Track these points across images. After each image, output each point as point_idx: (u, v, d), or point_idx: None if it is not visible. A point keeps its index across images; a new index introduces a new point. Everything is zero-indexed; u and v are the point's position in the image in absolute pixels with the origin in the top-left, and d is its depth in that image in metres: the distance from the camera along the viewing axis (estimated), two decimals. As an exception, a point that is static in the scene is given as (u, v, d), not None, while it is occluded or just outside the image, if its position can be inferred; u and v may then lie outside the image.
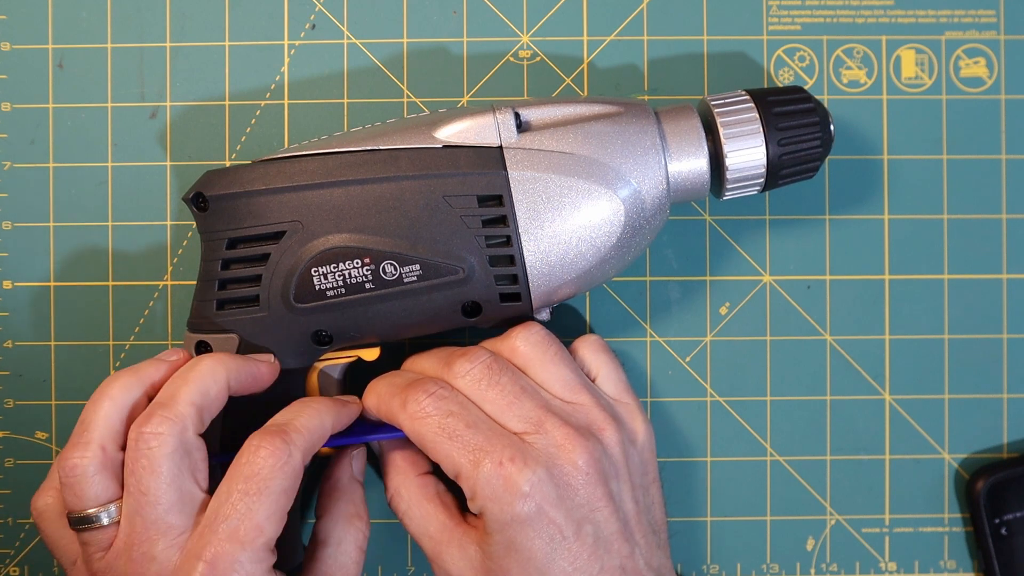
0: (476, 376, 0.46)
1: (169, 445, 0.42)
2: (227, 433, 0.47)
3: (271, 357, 0.47)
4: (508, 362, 0.47)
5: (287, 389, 0.48)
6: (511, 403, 0.46)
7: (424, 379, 0.46)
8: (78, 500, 0.43)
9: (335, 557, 0.48)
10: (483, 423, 0.45)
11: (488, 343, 0.48)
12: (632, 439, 0.48)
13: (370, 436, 0.48)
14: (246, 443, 0.43)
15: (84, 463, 0.43)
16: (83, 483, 0.43)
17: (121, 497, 0.43)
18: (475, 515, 0.46)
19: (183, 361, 0.47)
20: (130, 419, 0.44)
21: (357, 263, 0.45)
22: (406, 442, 0.49)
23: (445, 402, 0.45)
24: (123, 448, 0.44)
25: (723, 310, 0.54)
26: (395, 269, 0.45)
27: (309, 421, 0.45)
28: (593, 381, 0.49)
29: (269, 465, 0.42)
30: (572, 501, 0.45)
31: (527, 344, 0.47)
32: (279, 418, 0.45)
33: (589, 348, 0.50)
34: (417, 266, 0.45)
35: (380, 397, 0.47)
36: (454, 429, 0.44)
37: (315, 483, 0.54)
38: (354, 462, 0.50)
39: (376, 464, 0.53)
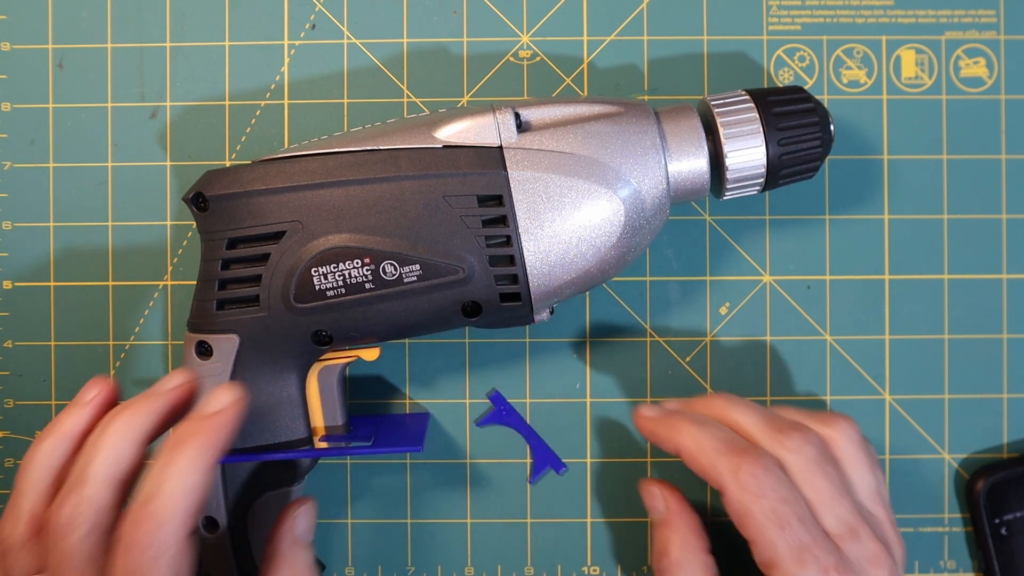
0: (809, 457, 0.45)
1: (83, 529, 0.41)
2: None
3: (184, 377, 0.45)
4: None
5: (287, 389, 0.48)
6: (834, 499, 0.45)
7: (759, 450, 0.45)
8: (7, 571, 0.43)
9: None
10: (811, 521, 0.44)
11: (805, 419, 0.47)
12: (898, 562, 0.46)
13: (385, 449, 0.48)
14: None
15: (12, 538, 0.42)
16: (11, 555, 0.42)
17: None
18: None
19: (107, 401, 0.44)
20: (60, 479, 0.43)
21: (357, 263, 0.45)
22: (689, 511, 0.48)
23: (782, 487, 0.44)
24: None
25: (723, 310, 0.54)
26: (395, 269, 0.45)
27: (172, 490, 0.40)
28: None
29: (137, 564, 0.39)
30: None
31: (849, 441, 0.47)
32: (144, 492, 0.41)
33: (854, 444, 0.47)
34: (417, 266, 0.45)
35: (703, 449, 0.45)
36: (787, 519, 0.43)
37: (311, 486, 0.54)
38: (298, 522, 0.47)
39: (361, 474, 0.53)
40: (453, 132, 0.45)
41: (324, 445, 0.49)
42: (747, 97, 0.47)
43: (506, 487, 0.54)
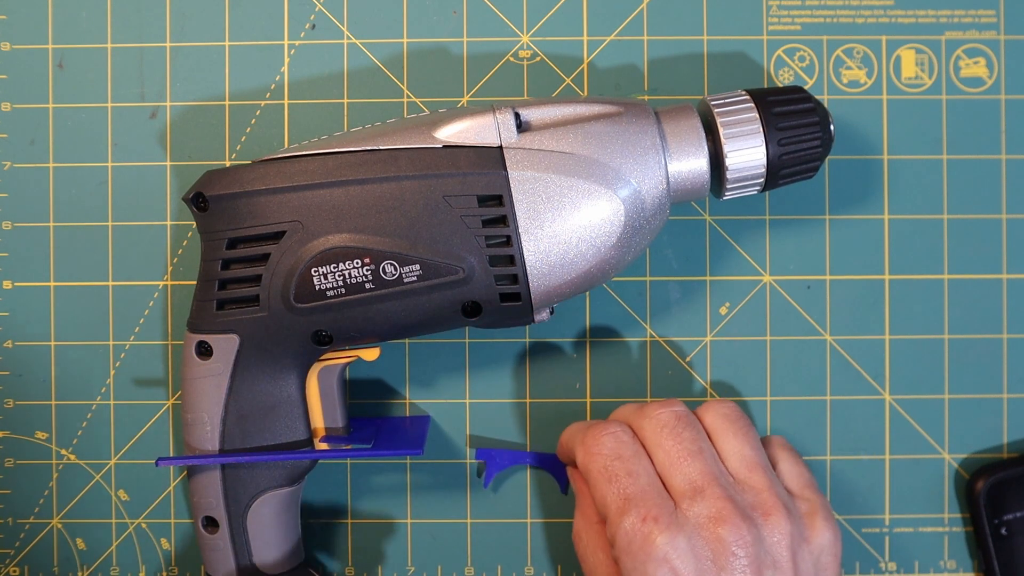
0: (662, 421, 0.47)
1: None
2: (227, 430, 0.47)
3: None
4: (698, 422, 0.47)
5: (287, 389, 0.48)
6: (682, 459, 0.45)
7: (612, 421, 0.48)
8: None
9: None
10: (645, 474, 0.45)
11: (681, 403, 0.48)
12: (806, 537, 0.45)
13: (385, 452, 0.49)
14: None
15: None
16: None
17: None
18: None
19: None
20: None
21: (357, 263, 0.45)
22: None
23: (618, 444, 0.46)
24: None
25: (723, 310, 0.54)
26: (395, 269, 0.45)
27: None
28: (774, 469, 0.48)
29: None
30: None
31: (717, 415, 0.48)
32: None
33: (775, 443, 0.50)
34: (417, 266, 0.45)
35: (571, 431, 0.50)
36: (615, 472, 0.45)
37: (311, 486, 0.54)
38: None
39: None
40: (453, 132, 0.45)
41: (324, 447, 0.49)
42: (747, 97, 0.47)
43: (506, 487, 0.54)
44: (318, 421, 0.49)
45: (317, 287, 0.45)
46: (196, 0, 0.53)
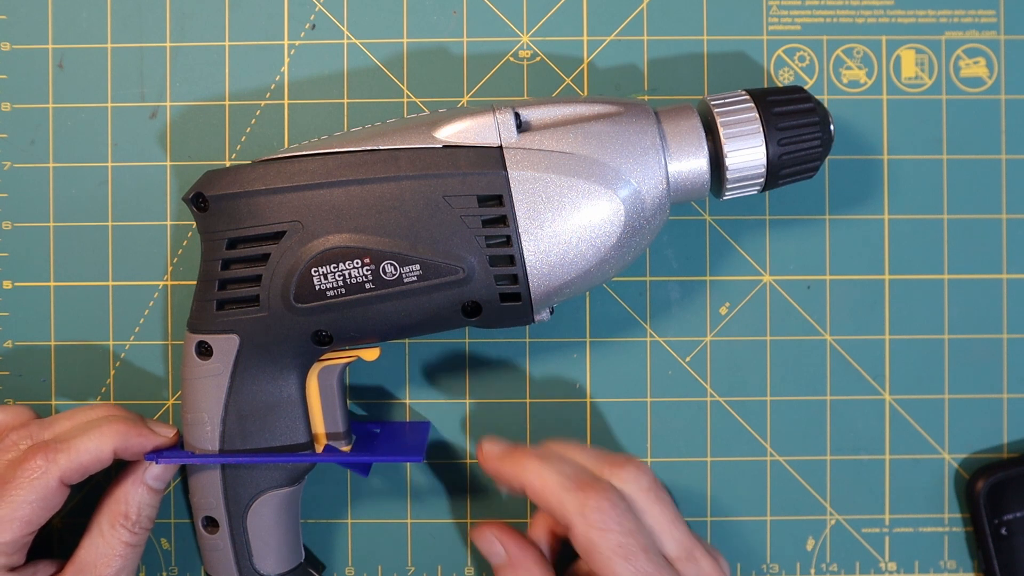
0: (646, 485, 0.47)
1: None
2: (227, 430, 0.47)
3: (173, 432, 0.49)
4: None
5: (287, 389, 0.48)
6: (672, 523, 0.46)
7: (603, 483, 0.46)
8: None
9: (97, 547, 0.48)
10: (654, 550, 0.45)
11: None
12: None
13: (385, 458, 0.49)
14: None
15: None
16: None
17: None
18: None
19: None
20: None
21: (357, 263, 0.45)
22: (530, 549, 0.48)
23: (626, 518, 0.45)
24: None
25: (723, 310, 0.54)
26: (395, 269, 0.45)
27: (85, 443, 0.46)
28: None
29: (19, 476, 0.45)
30: None
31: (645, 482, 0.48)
32: (62, 428, 0.48)
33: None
34: (417, 266, 0.45)
35: (547, 486, 0.46)
36: (632, 551, 0.45)
37: (311, 486, 0.54)
38: (148, 470, 0.49)
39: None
40: (453, 132, 0.45)
41: (323, 442, 0.49)
42: (747, 97, 0.47)
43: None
44: (318, 421, 0.49)
45: (317, 287, 0.45)
46: (196, 0, 0.53)
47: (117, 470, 0.49)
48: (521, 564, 0.48)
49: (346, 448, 0.49)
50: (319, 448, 0.49)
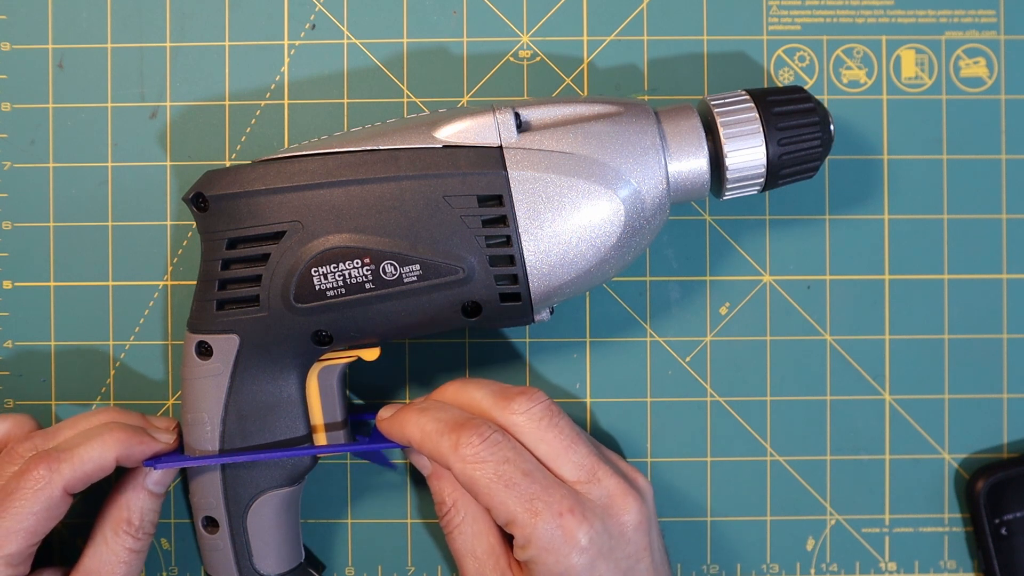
0: (537, 414, 0.46)
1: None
2: (227, 430, 0.47)
3: (172, 425, 0.49)
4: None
5: (287, 389, 0.48)
6: (568, 447, 0.46)
7: (475, 420, 0.46)
8: None
9: (101, 554, 0.48)
10: (538, 471, 0.45)
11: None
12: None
13: (385, 445, 0.49)
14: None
15: None
16: None
17: None
18: (518, 562, 0.47)
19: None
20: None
21: (357, 263, 0.45)
22: None
23: (500, 447, 0.45)
24: None
25: (723, 310, 0.54)
26: (395, 269, 0.45)
27: (88, 452, 0.46)
28: None
29: (22, 487, 0.45)
30: (622, 552, 0.45)
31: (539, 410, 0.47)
32: (64, 436, 0.47)
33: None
34: (417, 266, 0.45)
35: (426, 434, 0.46)
36: (511, 477, 0.44)
37: (311, 486, 0.54)
38: (148, 475, 0.49)
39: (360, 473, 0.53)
40: (453, 132, 0.45)
41: (323, 442, 0.49)
42: (747, 97, 0.47)
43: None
44: (318, 421, 0.49)
45: (317, 287, 0.45)
46: (196, 0, 0.53)
47: (118, 475, 0.49)
48: (444, 472, 0.48)
49: (343, 441, 0.49)
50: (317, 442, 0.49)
